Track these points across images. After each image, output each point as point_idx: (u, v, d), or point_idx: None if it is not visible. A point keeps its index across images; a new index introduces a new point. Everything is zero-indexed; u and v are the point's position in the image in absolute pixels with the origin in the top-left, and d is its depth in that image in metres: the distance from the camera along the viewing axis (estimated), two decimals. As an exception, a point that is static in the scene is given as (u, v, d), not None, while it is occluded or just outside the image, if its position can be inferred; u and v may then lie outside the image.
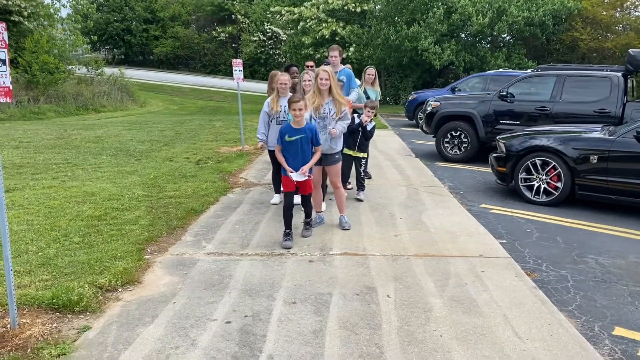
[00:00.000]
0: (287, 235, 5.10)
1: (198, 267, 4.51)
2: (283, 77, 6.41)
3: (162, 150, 10.95)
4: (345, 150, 6.77)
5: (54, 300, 3.69)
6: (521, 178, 7.20)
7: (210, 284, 4.16)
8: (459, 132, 10.24)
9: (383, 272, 4.39)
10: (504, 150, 7.41)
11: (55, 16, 28.93)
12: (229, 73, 45.25)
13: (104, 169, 8.69)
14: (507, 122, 9.77)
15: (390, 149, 11.51)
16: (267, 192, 7.27)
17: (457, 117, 10.32)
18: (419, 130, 15.23)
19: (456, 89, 15.74)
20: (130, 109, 25.96)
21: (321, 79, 5.50)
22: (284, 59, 41.18)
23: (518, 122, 9.58)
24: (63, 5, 31.68)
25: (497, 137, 7.88)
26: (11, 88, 3.32)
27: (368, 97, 7.74)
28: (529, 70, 16.42)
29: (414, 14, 21.71)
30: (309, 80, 6.45)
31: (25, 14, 24.18)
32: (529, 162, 7.12)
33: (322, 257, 4.74)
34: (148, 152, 10.53)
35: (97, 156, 9.97)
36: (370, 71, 8.15)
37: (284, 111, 6.24)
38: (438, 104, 10.65)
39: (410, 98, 17.33)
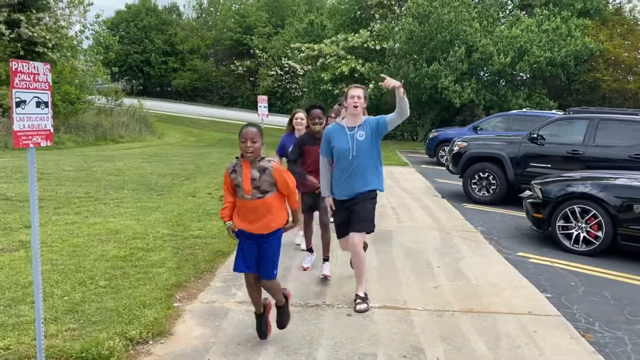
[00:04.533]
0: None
1: (230, 317, 4.27)
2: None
3: (184, 184, 10.81)
4: None
5: (83, 354, 3.45)
6: (559, 226, 6.92)
7: (245, 338, 3.91)
8: (487, 174, 10.01)
9: (429, 329, 4.11)
10: (541, 195, 7.15)
11: (78, 47, 29.49)
12: (246, 106, 45.73)
13: (126, 204, 8.54)
14: (537, 165, 9.54)
15: (414, 188, 11.29)
16: (294, 235, 7.03)
17: (485, 158, 10.11)
18: (441, 168, 15.05)
19: (478, 128, 15.57)
20: (149, 140, 26.09)
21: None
22: (300, 93, 41.53)
23: (549, 166, 9.34)
24: (86, 37, 32.36)
25: (533, 182, 7.63)
26: (52, 131, 3.17)
27: None
28: (554, 111, 16.30)
29: (434, 52, 21.76)
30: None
31: (50, 45, 24.61)
32: (567, 209, 6.84)
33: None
34: (170, 187, 10.40)
35: (119, 190, 9.84)
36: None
37: None
38: (465, 144, 10.46)
39: (431, 136, 17.19)
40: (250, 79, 48.05)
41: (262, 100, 11.31)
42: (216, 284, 5.08)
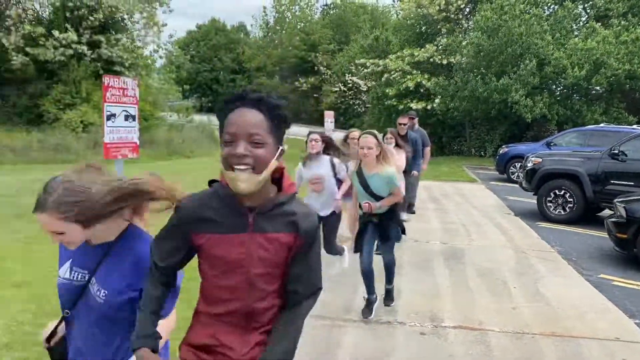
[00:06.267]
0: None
1: (305, 330, 4.23)
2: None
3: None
4: None
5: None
6: (646, 247, 6.48)
7: (320, 352, 3.88)
8: (563, 191, 9.55)
9: (508, 352, 3.93)
10: (625, 215, 6.73)
11: (152, 66, 30.98)
12: (309, 122, 46.28)
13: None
14: (618, 182, 9.00)
15: (485, 205, 10.94)
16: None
17: (561, 175, 9.66)
18: (511, 185, 14.54)
19: (552, 144, 14.94)
20: (217, 156, 26.76)
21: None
22: (363, 109, 41.62)
23: (631, 183, 8.79)
24: (160, 57, 33.93)
25: (616, 200, 7.20)
26: (138, 144, 3.29)
27: (366, 187, 4.42)
28: (635, 126, 15.41)
29: (504, 66, 21.17)
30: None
31: (127, 64, 25.97)
32: (655, 229, 6.41)
33: (435, 330, 4.34)
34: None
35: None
36: (366, 142, 4.37)
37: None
38: (540, 160, 10.04)
39: (501, 151, 16.63)
40: (314, 95, 48.61)
41: (329, 116, 11.39)
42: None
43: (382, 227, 4.51)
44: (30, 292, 4.85)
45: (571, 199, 9.47)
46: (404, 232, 4.67)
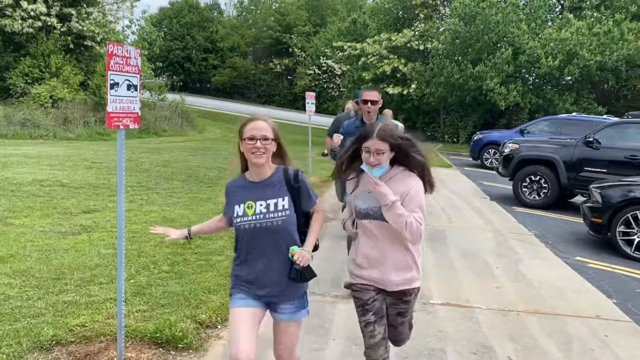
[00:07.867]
0: None
1: (294, 307, 4.27)
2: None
3: (231, 177, 10.92)
4: None
5: (157, 335, 3.53)
6: (619, 231, 6.71)
7: (311, 327, 3.92)
8: (538, 177, 9.79)
9: (495, 328, 4.04)
10: (600, 200, 6.95)
11: (125, 42, 30.20)
12: (283, 104, 46.01)
13: (178, 195, 8.68)
14: (592, 169, 9.27)
15: (462, 190, 11.13)
16: (346, 229, 7.02)
17: (537, 161, 9.89)
18: (485, 170, 14.83)
19: (525, 131, 15.26)
20: (190, 135, 26.49)
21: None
22: (337, 93, 41.56)
23: (605, 170, 9.07)
24: (132, 33, 33.11)
25: (591, 186, 7.42)
26: (140, 114, 3.24)
27: None
28: (605, 116, 15.85)
29: (480, 53, 21.45)
30: None
31: (98, 39, 25.26)
32: (629, 214, 6.64)
33: (424, 306, 4.43)
34: (217, 180, 10.52)
35: (169, 181, 10.01)
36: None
37: None
38: (517, 146, 10.25)
39: (475, 138, 16.92)
40: (288, 77, 48.27)
41: (310, 97, 11.30)
42: (275, 275, 5.11)
43: None
44: (13, 267, 4.74)
45: (546, 185, 9.71)
46: None
